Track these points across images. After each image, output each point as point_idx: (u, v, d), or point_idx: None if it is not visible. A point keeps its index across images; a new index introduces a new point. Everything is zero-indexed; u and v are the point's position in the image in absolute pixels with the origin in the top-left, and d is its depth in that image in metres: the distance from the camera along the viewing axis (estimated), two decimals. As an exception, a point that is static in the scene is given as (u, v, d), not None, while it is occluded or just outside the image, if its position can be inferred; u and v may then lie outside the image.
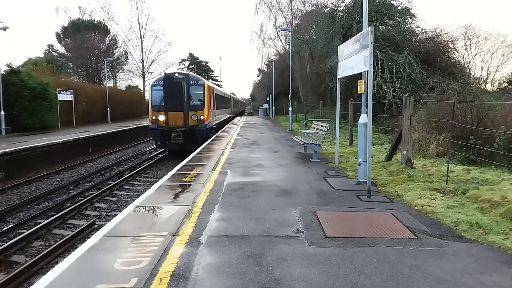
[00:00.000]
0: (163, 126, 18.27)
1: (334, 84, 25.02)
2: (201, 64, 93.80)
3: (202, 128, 18.90)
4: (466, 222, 5.47)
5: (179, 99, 18.13)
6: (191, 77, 19.82)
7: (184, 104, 18.24)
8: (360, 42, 7.50)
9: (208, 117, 19.59)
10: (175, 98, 18.11)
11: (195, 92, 19.29)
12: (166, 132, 18.32)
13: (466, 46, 28.26)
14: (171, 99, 18.15)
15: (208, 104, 19.87)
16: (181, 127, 18.19)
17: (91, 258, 4.39)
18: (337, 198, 6.97)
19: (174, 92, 18.05)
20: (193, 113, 18.74)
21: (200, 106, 19.30)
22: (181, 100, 18.16)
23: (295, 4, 46.36)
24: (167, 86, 18.12)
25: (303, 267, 4.06)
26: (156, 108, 18.65)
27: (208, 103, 19.74)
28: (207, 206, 6.45)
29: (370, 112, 7.15)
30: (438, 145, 11.58)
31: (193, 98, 19.15)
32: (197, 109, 18.99)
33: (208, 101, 19.78)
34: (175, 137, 18.03)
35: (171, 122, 18.21)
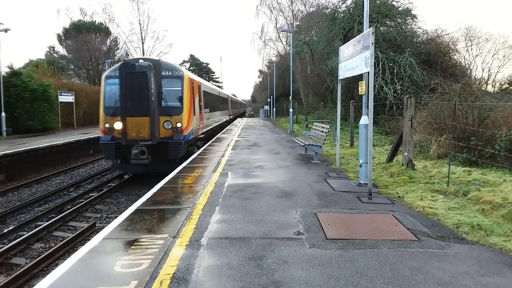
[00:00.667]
0: (120, 138, 12.55)
1: (335, 86, 25.04)
2: (202, 65, 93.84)
3: (179, 141, 12.88)
4: (468, 224, 5.45)
5: (144, 97, 12.29)
6: (163, 65, 13.47)
7: (151, 105, 12.32)
8: (361, 43, 7.49)
9: (189, 123, 13.59)
10: (137, 97, 12.26)
11: (169, 87, 13.37)
12: (124, 148, 12.55)
13: (467, 47, 28.28)
14: (132, 98, 12.28)
15: (190, 105, 13.87)
16: (146, 139, 12.33)
17: (91, 260, 4.38)
18: (338, 199, 6.95)
19: (135, 87, 12.30)
20: (166, 119, 12.93)
21: (177, 108, 13.24)
22: (147, 100, 12.29)
23: (296, 5, 46.44)
24: (126, 79, 12.30)
25: (304, 269, 4.04)
26: (110, 112, 12.93)
27: (189, 103, 13.75)
28: (208, 208, 6.44)
29: (371, 113, 7.14)
30: (439, 147, 11.57)
31: (166, 97, 13.22)
32: (173, 113, 13.05)
33: (189, 101, 13.80)
34: (137, 154, 12.15)
35: (132, 132, 12.35)
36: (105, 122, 12.93)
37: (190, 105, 13.87)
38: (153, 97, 12.42)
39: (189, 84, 13.89)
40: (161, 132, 12.81)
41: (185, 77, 13.59)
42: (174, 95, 13.34)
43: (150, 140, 12.39)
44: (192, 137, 14.37)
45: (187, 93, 13.54)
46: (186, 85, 13.61)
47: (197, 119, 15.51)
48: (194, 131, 14.57)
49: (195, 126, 14.91)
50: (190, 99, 13.92)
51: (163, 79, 13.14)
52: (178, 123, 12.98)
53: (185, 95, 13.39)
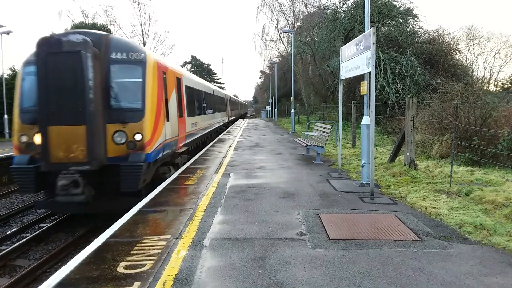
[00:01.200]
0: (39, 159, 7.93)
1: (337, 86, 25.06)
2: (204, 66, 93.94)
3: (137, 163, 8.09)
4: (470, 224, 5.44)
5: (76, 94, 7.71)
6: (113, 43, 8.71)
7: (88, 107, 7.76)
8: (362, 44, 7.50)
9: (156, 134, 8.87)
10: (65, 93, 7.70)
11: (123, 77, 8.65)
12: (47, 175, 8.04)
13: (468, 46, 28.26)
14: (56, 96, 7.70)
15: (159, 105, 9.12)
16: (80, 162, 7.74)
17: (95, 261, 4.39)
18: (340, 200, 6.95)
19: (62, 77, 7.68)
20: (117, 128, 8.28)
21: (135, 110, 8.46)
22: (81, 97, 7.73)
23: (297, 6, 46.52)
24: (47, 64, 7.67)
25: (306, 270, 4.05)
26: (28, 118, 8.22)
27: (157, 103, 9.00)
28: (210, 209, 6.45)
29: (372, 113, 7.14)
30: (442, 146, 11.56)
31: (117, 93, 8.52)
32: (128, 118, 8.35)
33: (157, 99, 9.02)
34: (66, 187, 7.72)
35: (57, 150, 7.73)
36: (21, 134, 8.14)
37: (159, 105, 9.00)
38: (93, 93, 7.70)
39: (157, 73, 9.05)
40: (108, 149, 8.03)
41: (149, 63, 8.69)
42: (131, 91, 8.50)
43: (87, 164, 7.65)
44: (165, 153, 9.61)
45: (153, 88, 8.73)
46: (152, 74, 8.74)
47: (174, 126, 10.58)
48: (168, 145, 9.82)
49: (171, 136, 10.12)
50: (159, 97, 9.05)
51: (112, 65, 8.35)
52: (138, 134, 8.14)
53: (149, 91, 8.53)
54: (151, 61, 8.97)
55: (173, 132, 10.50)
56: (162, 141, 9.25)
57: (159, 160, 9.35)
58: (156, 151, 8.86)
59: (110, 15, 61.19)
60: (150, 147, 8.43)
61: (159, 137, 9.05)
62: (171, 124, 10.34)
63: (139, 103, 8.46)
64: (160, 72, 9.56)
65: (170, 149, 10.28)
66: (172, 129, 10.36)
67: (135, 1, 50.07)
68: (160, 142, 9.13)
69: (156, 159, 8.90)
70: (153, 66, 8.99)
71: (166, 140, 9.74)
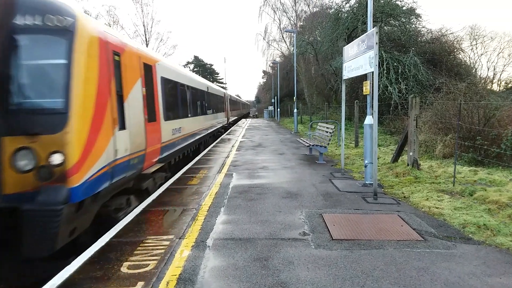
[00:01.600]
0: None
1: (339, 86, 25.02)
2: (206, 66, 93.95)
3: (52, 205, 4.65)
4: (474, 224, 5.42)
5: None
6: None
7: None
8: (365, 43, 7.49)
9: (94, 152, 5.40)
10: None
11: (33, 57, 5.17)
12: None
13: (472, 46, 28.16)
14: None
15: (98, 104, 5.60)
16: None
17: (99, 261, 4.41)
18: (343, 200, 6.94)
19: None
20: (20, 144, 4.84)
21: (53, 113, 4.99)
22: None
23: (300, 5, 46.51)
24: None
25: (309, 270, 4.05)
26: None
27: (96, 101, 5.54)
28: (213, 209, 6.45)
29: (375, 113, 7.13)
30: (445, 146, 11.52)
31: (22, 83, 5.10)
32: (40, 127, 4.89)
33: (97, 95, 5.59)
34: None
35: None
36: None
37: (101, 104, 5.74)
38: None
39: (98, 52, 5.79)
40: (4, 180, 4.83)
41: (82, 33, 5.40)
42: (45, 80, 5.27)
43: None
44: (118, 180, 6.34)
45: (89, 75, 5.49)
46: (88, 53, 5.49)
47: (138, 136, 7.27)
48: (124, 166, 6.55)
49: (130, 152, 6.81)
50: (101, 91, 5.76)
51: (17, 36, 5.13)
52: (56, 153, 4.92)
53: (80, 80, 5.25)
54: (87, 31, 5.45)
55: (135, 144, 6.95)
56: (108, 162, 5.79)
57: (105, 192, 5.96)
58: (95, 180, 5.38)
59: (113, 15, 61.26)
60: (80, 175, 5.01)
61: (100, 157, 5.55)
62: (131, 133, 6.79)
63: (59, 101, 5.01)
64: (107, 51, 6.03)
65: (129, 171, 6.77)
66: (133, 141, 6.84)
67: (137, 1, 50.17)
68: (104, 164, 5.65)
69: (95, 192, 5.48)
70: (91, 39, 5.53)
71: (120, 160, 6.24)
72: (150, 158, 8.08)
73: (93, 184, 5.37)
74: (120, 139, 6.32)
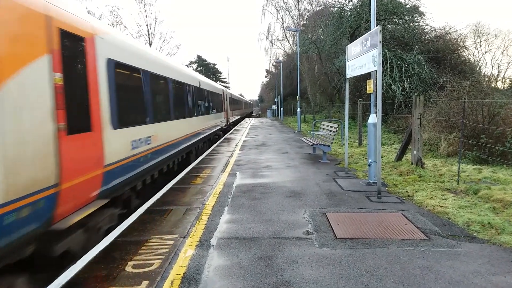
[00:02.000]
0: None
1: (343, 84, 24.99)
2: (209, 66, 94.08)
3: None
4: (478, 222, 5.41)
5: None
6: None
7: None
8: (369, 42, 7.47)
9: None
10: None
11: None
12: None
13: (476, 43, 28.01)
14: None
15: None
16: None
17: (103, 260, 4.43)
18: (347, 199, 6.94)
19: None
20: None
21: None
22: None
23: (303, 4, 46.46)
24: None
25: (313, 269, 4.05)
26: None
27: None
28: (217, 208, 6.47)
29: (379, 112, 7.11)
30: (449, 145, 11.49)
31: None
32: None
33: None
34: None
35: None
36: None
37: None
38: None
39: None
40: None
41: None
42: None
43: None
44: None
45: None
46: None
47: (40, 160, 4.16)
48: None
49: (13, 194, 3.68)
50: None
51: None
52: None
53: None
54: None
55: (22, 179, 3.85)
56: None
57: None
58: None
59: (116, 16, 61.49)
60: None
61: None
62: (9, 158, 3.70)
63: None
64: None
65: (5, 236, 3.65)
66: (15, 173, 3.77)
67: (140, 1, 50.36)
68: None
69: None
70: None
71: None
72: (73, 197, 4.84)
73: None
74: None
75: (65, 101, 4.69)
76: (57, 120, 4.50)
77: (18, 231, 3.77)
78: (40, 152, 4.17)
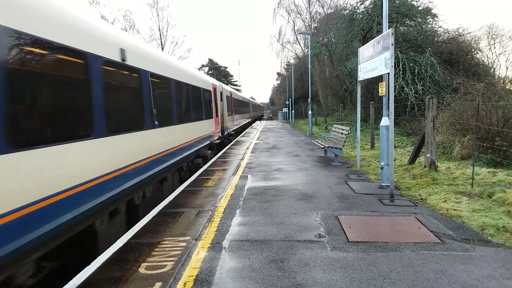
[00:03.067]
0: None
1: (355, 87, 24.87)
2: (221, 69, 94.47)
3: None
4: (493, 226, 5.34)
5: None
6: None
7: None
8: (381, 44, 7.44)
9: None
10: None
11: None
12: None
13: (490, 45, 27.56)
14: None
15: None
16: None
17: (117, 262, 4.48)
18: (359, 202, 6.91)
19: None
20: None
21: None
22: None
23: (314, 7, 46.47)
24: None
25: (326, 272, 4.04)
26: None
27: None
28: (229, 211, 6.49)
29: (391, 114, 7.08)
30: (463, 147, 11.34)
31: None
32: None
33: None
34: None
35: None
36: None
37: None
38: None
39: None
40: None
41: None
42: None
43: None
44: None
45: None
46: None
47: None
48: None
49: None
50: None
51: None
52: None
53: None
54: None
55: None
56: None
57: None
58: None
59: (129, 20, 62.17)
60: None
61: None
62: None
63: None
64: None
65: None
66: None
67: (153, 5, 50.83)
68: None
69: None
70: None
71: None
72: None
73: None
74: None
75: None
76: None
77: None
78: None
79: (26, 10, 3.98)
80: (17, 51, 3.82)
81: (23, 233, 3.73)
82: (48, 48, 4.29)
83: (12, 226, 3.57)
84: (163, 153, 8.25)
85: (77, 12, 5.19)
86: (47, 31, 4.27)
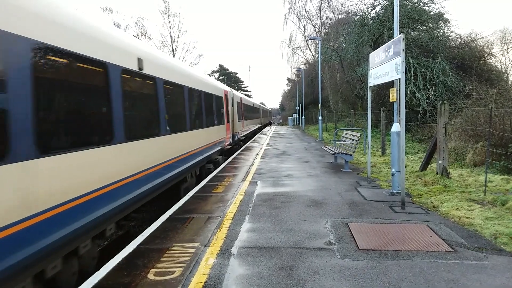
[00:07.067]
0: None
1: (365, 93, 24.74)
2: (231, 75, 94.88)
3: None
4: (506, 235, 5.24)
5: None
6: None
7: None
8: (392, 50, 7.40)
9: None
10: None
11: None
12: None
13: (503, 50, 27.24)
14: None
15: None
16: None
17: (126, 267, 4.49)
18: (369, 209, 6.84)
19: None
20: None
21: None
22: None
23: (324, 12, 46.32)
24: None
25: (335, 280, 4.00)
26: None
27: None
28: (238, 217, 6.48)
29: (403, 120, 7.01)
30: (475, 154, 11.18)
31: None
32: None
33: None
34: None
35: None
36: None
37: None
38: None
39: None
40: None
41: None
42: None
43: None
44: None
45: None
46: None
47: None
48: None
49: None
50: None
51: None
52: None
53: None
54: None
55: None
56: None
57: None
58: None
59: (141, 27, 62.86)
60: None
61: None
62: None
63: None
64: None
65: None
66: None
67: (165, 12, 51.34)
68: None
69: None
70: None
71: None
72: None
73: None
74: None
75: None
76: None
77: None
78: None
79: (73, 32, 4.55)
80: (49, 66, 4.12)
81: (67, 225, 4.17)
82: (76, 60, 4.58)
83: (58, 218, 4.03)
84: (177, 158, 8.38)
85: (106, 27, 5.64)
86: (80, 47, 4.64)
